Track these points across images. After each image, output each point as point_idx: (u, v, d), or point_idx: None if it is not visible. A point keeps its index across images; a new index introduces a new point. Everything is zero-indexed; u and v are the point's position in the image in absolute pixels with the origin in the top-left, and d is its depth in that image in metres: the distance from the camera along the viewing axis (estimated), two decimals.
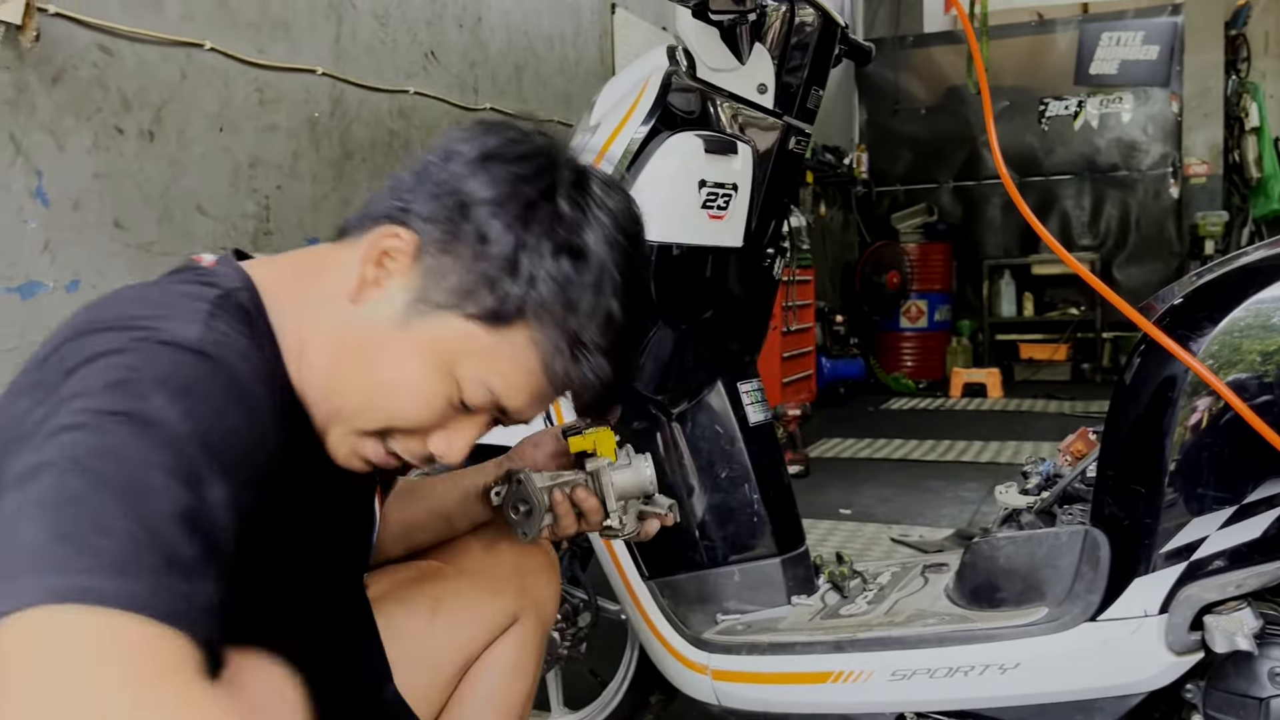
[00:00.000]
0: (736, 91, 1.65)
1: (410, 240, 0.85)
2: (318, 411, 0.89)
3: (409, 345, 0.85)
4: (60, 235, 2.10)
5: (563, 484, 1.12)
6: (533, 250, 0.84)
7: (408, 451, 0.90)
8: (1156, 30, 6.99)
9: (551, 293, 0.84)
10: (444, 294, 0.84)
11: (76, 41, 2.13)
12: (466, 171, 0.87)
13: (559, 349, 0.85)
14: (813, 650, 1.51)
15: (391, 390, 0.86)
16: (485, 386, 0.86)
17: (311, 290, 0.89)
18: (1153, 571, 1.29)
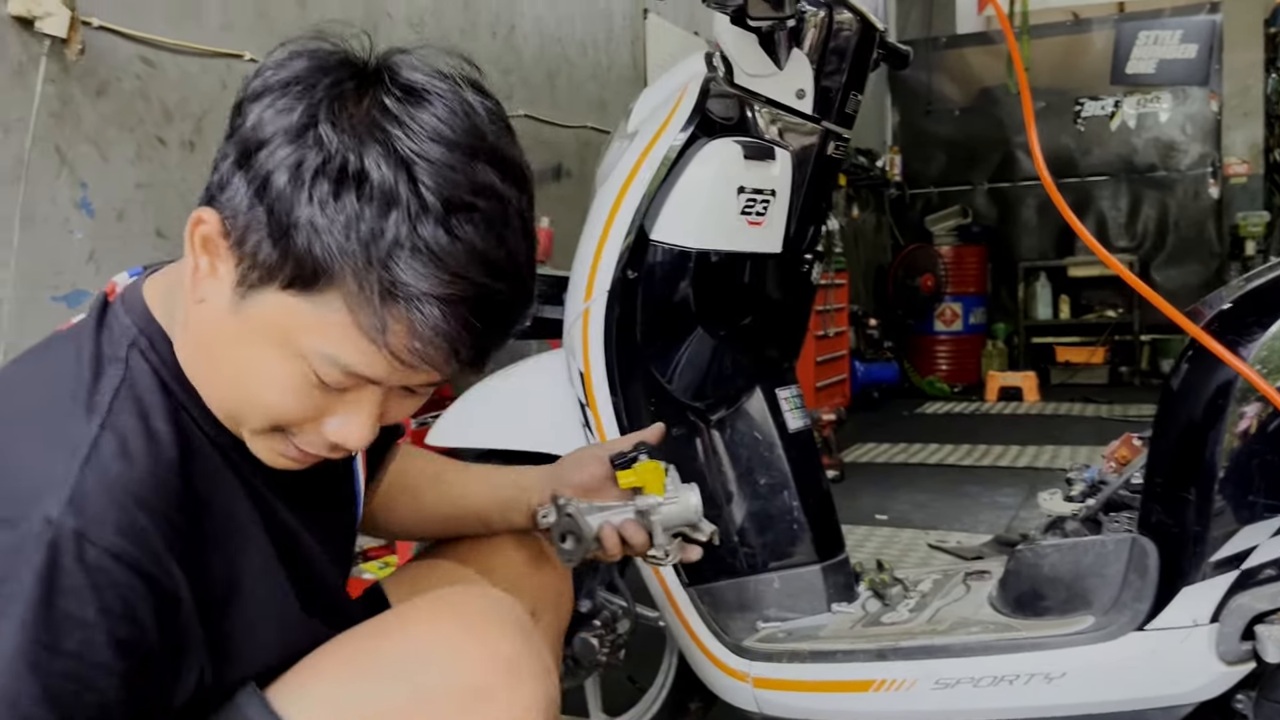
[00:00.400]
0: (774, 97, 1.65)
1: (213, 219, 0.76)
2: (226, 421, 0.84)
3: (246, 333, 0.77)
4: (104, 245, 2.13)
5: (612, 519, 1.13)
6: (309, 193, 0.72)
7: (311, 445, 0.83)
8: (1195, 28, 6.90)
9: (337, 240, 0.72)
10: (255, 268, 0.75)
11: (120, 54, 2.16)
12: (241, 120, 0.76)
13: (373, 305, 0.73)
14: (855, 658, 1.50)
15: (250, 384, 0.79)
16: (329, 361, 0.76)
17: (185, 306, 0.82)
18: (1202, 580, 1.27)
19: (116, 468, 0.75)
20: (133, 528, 0.74)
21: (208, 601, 0.80)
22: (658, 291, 1.60)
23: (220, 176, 0.77)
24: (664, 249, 1.59)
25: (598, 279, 1.60)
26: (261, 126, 0.74)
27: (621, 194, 1.59)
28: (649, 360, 1.63)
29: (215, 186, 0.77)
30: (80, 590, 0.70)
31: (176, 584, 0.77)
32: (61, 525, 0.71)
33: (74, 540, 0.71)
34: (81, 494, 0.72)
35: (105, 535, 0.72)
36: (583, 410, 1.65)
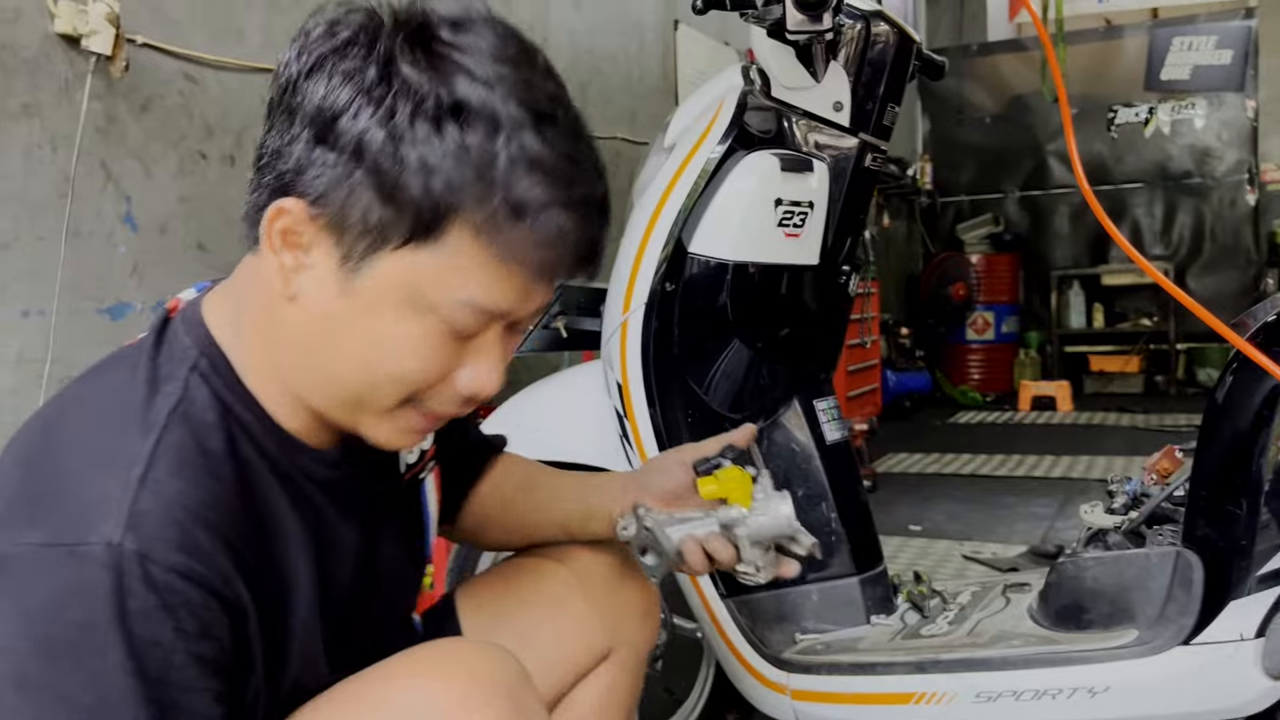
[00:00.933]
0: (812, 110, 1.65)
1: (297, 206, 0.75)
2: (340, 417, 0.83)
3: (366, 308, 0.77)
4: (148, 258, 2.17)
5: (695, 532, 1.04)
6: (409, 137, 0.73)
7: (445, 404, 0.82)
8: (1230, 34, 6.83)
9: (454, 173, 0.73)
10: (365, 236, 0.75)
11: (163, 71, 2.19)
12: (303, 96, 0.75)
13: (498, 230, 0.74)
14: (894, 671, 1.50)
15: (381, 359, 0.78)
16: (464, 305, 0.76)
17: (259, 314, 0.82)
18: (1249, 594, 1.26)
19: (173, 486, 0.74)
20: (194, 545, 0.73)
21: (268, 630, 0.80)
22: (695, 303, 1.61)
23: (295, 162, 0.75)
24: (702, 261, 1.60)
25: (635, 291, 1.61)
26: (333, 95, 0.74)
27: (659, 206, 1.60)
28: (687, 372, 1.63)
29: (290, 175, 0.76)
30: (151, 612, 0.69)
31: (244, 602, 0.76)
32: (122, 549, 0.70)
33: (137, 562, 0.70)
34: (139, 514, 0.71)
35: (168, 555, 0.71)
36: (620, 422, 1.66)
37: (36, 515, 0.72)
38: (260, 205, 0.78)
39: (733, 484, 1.04)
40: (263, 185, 0.79)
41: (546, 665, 1.10)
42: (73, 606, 0.68)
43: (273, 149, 0.78)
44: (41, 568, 0.69)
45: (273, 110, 0.79)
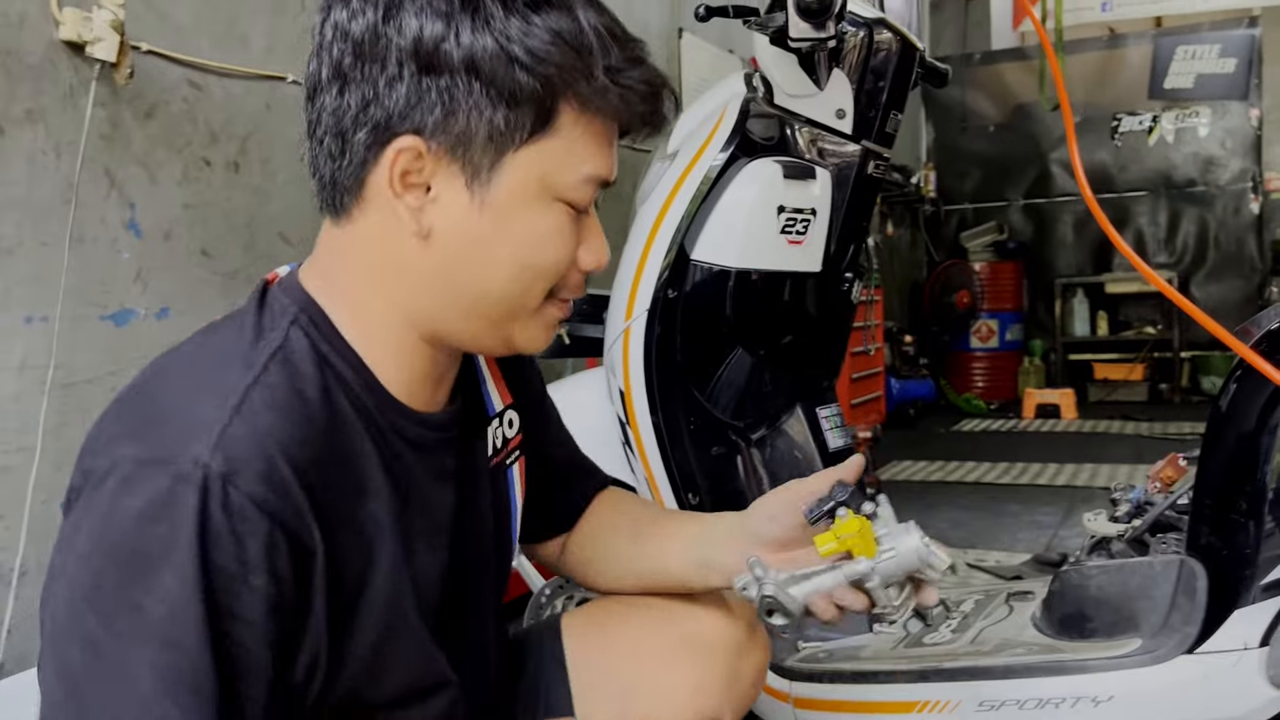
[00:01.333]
0: (815, 117, 1.66)
1: (412, 142, 0.79)
2: (491, 338, 0.87)
3: (505, 215, 0.82)
4: (152, 264, 2.17)
5: (822, 586, 0.95)
6: (510, 36, 0.78)
7: (574, 287, 0.89)
8: (1233, 43, 6.83)
9: (558, 56, 0.79)
10: (485, 152, 0.80)
11: (168, 77, 2.19)
12: (393, 33, 0.79)
13: (605, 94, 0.81)
14: (897, 679, 1.50)
15: (531, 257, 0.84)
16: (585, 179, 0.84)
17: (371, 273, 0.85)
18: (1253, 603, 1.26)
19: (266, 419, 0.76)
20: (276, 478, 0.75)
21: (336, 583, 0.80)
22: (698, 311, 1.61)
23: (400, 103, 0.79)
24: (704, 268, 1.60)
25: (638, 298, 1.61)
26: (428, 26, 0.78)
27: (662, 214, 1.60)
28: (689, 379, 1.64)
29: (394, 118, 0.79)
30: (225, 538, 0.72)
31: (315, 545, 0.77)
32: (210, 469, 0.72)
33: (220, 485, 0.72)
34: (229, 438, 0.74)
35: (250, 483, 0.73)
36: (623, 428, 1.66)
37: (136, 433, 0.75)
38: (359, 163, 0.81)
39: (853, 538, 0.95)
40: (352, 144, 0.81)
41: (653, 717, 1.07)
42: (158, 521, 0.71)
43: (358, 103, 0.80)
44: (133, 481, 0.72)
45: (341, 71, 0.80)
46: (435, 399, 0.93)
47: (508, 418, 1.07)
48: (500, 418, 1.06)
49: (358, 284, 0.85)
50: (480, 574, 1.00)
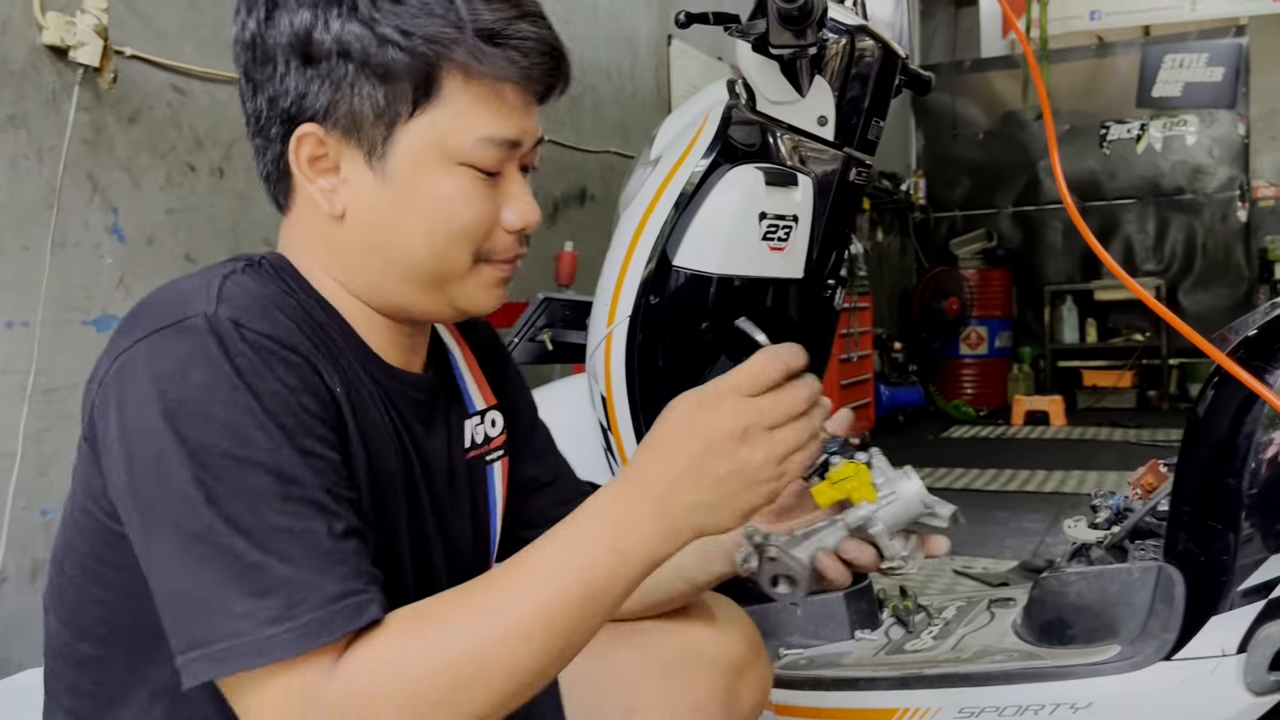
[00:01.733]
0: (797, 124, 1.66)
1: (310, 129, 0.84)
2: (430, 303, 0.89)
3: (406, 185, 0.85)
4: (135, 269, 2.16)
5: (825, 542, 0.91)
6: (375, 17, 0.82)
7: (504, 248, 0.90)
8: (1221, 52, 6.87)
9: (426, 27, 0.82)
10: (376, 129, 0.84)
11: (152, 82, 2.19)
12: (273, 39, 0.84)
13: (483, 56, 0.83)
14: (878, 686, 1.49)
15: (439, 222, 0.86)
16: (481, 140, 0.84)
17: (315, 255, 0.89)
18: (1230, 610, 1.26)
19: (253, 286, 0.81)
20: (281, 324, 0.80)
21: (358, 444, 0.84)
22: (680, 317, 1.61)
23: (293, 95, 0.84)
24: (686, 275, 1.60)
25: (620, 304, 1.61)
26: (298, 20, 0.83)
27: (644, 220, 1.60)
28: (671, 385, 1.63)
29: (293, 109, 0.84)
30: (257, 367, 0.76)
31: (333, 379, 0.82)
32: (218, 316, 0.76)
33: (232, 326, 0.76)
34: (226, 295, 0.78)
35: (256, 324, 0.78)
36: (605, 434, 1.66)
37: (138, 321, 0.79)
38: (279, 155, 0.86)
39: (850, 482, 0.90)
40: (271, 139, 0.86)
41: None
42: (192, 371, 0.74)
43: (264, 101, 0.85)
44: (153, 351, 0.76)
45: (249, 76, 0.87)
46: (408, 365, 0.95)
47: (490, 417, 1.07)
48: (482, 416, 1.06)
49: (309, 268, 0.89)
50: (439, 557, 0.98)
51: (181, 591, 0.72)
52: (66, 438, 1.97)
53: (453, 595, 0.77)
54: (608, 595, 0.76)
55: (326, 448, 0.78)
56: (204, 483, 0.72)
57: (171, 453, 0.73)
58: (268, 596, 0.71)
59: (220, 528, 0.71)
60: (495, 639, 0.73)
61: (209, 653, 0.71)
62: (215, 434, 0.73)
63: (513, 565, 0.78)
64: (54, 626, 0.89)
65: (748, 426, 0.75)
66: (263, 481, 0.73)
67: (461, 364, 1.06)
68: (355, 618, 0.72)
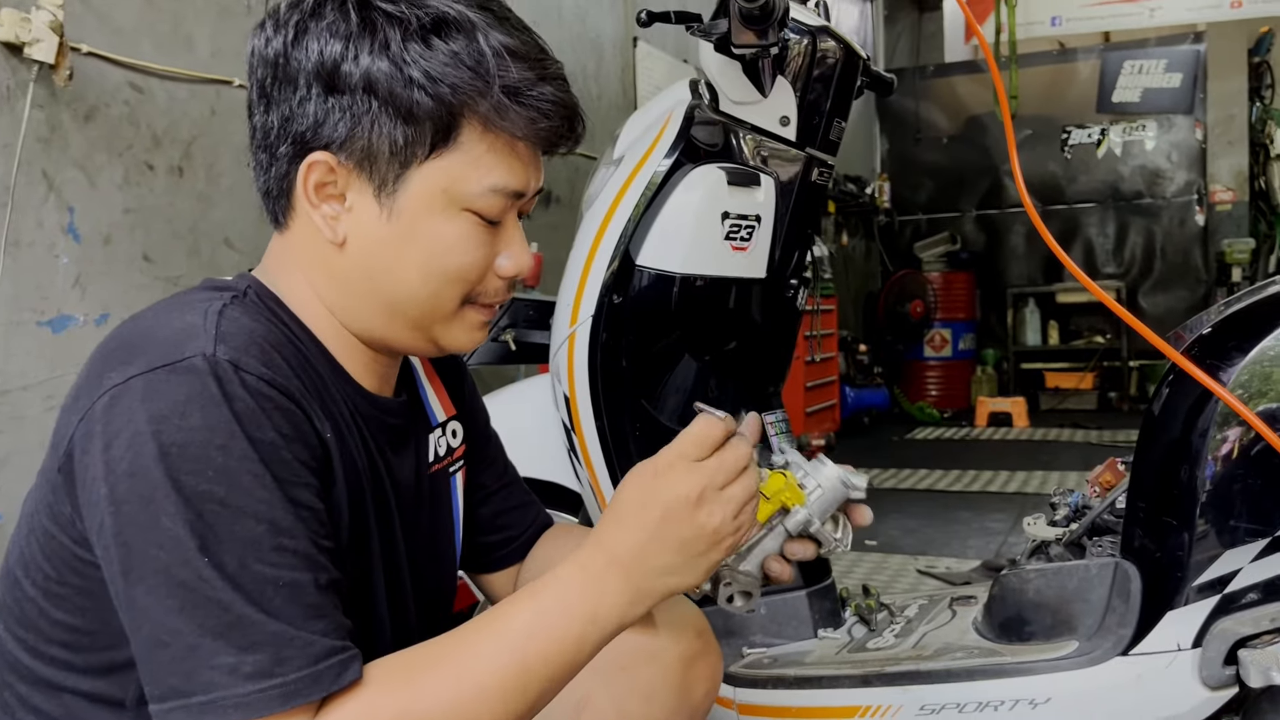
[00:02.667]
0: (759, 124, 1.66)
1: (323, 157, 0.85)
2: (412, 339, 0.91)
3: (411, 224, 0.86)
4: (91, 269, 2.13)
5: (769, 547, 0.95)
6: (406, 59, 0.83)
7: (494, 292, 0.92)
8: (1179, 58, 6.97)
9: (454, 76, 0.83)
10: (390, 166, 0.85)
11: (108, 80, 2.16)
12: (298, 62, 0.85)
13: (505, 112, 0.85)
14: (839, 684, 1.50)
15: (436, 263, 0.87)
16: (490, 190, 0.86)
17: (306, 277, 0.90)
18: (1186, 605, 1.27)
19: (247, 323, 0.81)
20: (276, 363, 0.80)
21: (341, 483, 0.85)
22: (643, 316, 1.61)
23: (310, 120, 0.84)
24: (649, 274, 1.60)
25: (583, 304, 1.61)
26: (329, 49, 0.84)
27: (606, 219, 1.60)
28: (634, 385, 1.63)
29: (308, 133, 0.85)
30: (254, 413, 0.76)
31: (324, 425, 0.82)
32: (217, 358, 0.76)
33: (232, 370, 0.76)
34: (224, 333, 0.78)
35: (256, 366, 0.78)
36: (568, 435, 1.65)
37: (131, 354, 0.77)
38: (284, 174, 0.87)
39: (780, 491, 0.94)
40: (278, 157, 0.87)
41: None
42: (191, 413, 0.74)
43: (277, 119, 0.86)
44: (150, 389, 0.74)
45: (264, 91, 0.87)
46: (382, 390, 0.97)
47: (450, 428, 1.10)
48: (443, 428, 1.08)
49: (297, 287, 0.90)
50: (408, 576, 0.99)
51: (164, 639, 0.71)
52: (18, 441, 1.94)
53: (431, 650, 0.78)
54: (579, 655, 0.81)
55: (314, 496, 0.78)
56: (196, 530, 0.71)
57: (164, 497, 0.72)
58: (254, 651, 0.71)
59: (210, 576, 0.71)
60: (473, 698, 0.76)
61: (189, 704, 0.70)
62: (211, 480, 0.73)
63: (490, 625, 0.79)
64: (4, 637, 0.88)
65: (702, 490, 0.81)
66: (255, 531, 0.73)
67: (423, 377, 1.09)
68: (340, 676, 0.73)
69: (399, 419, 0.98)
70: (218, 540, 0.72)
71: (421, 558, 1.02)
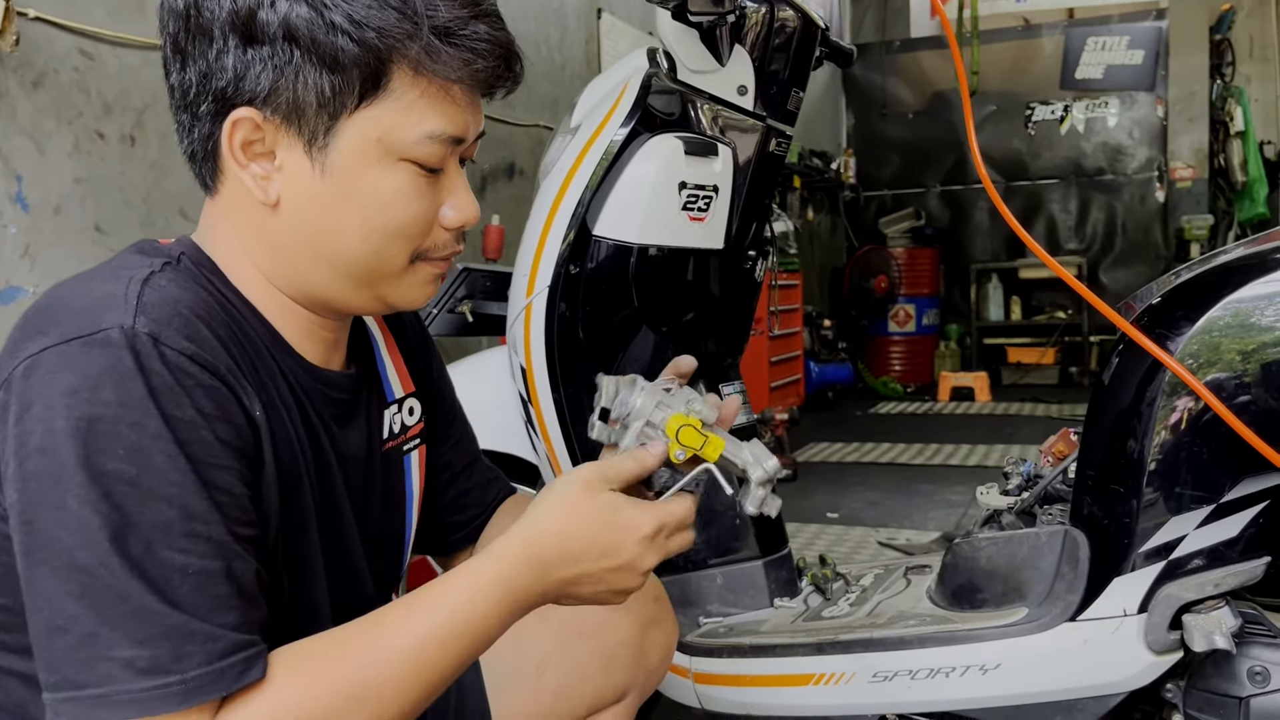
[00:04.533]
0: (717, 93, 1.65)
1: (247, 113, 0.80)
2: (361, 298, 0.88)
3: (346, 178, 0.82)
4: (40, 240, 2.09)
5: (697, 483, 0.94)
6: (326, 3, 0.78)
7: (442, 244, 0.88)
8: (1141, 35, 7.02)
9: (379, 18, 0.78)
10: (318, 119, 0.80)
11: (57, 46, 2.12)
12: (210, 12, 0.79)
13: (436, 54, 0.80)
14: (794, 653, 1.51)
15: (378, 218, 0.83)
16: (426, 137, 0.82)
17: (241, 241, 0.86)
18: (1132, 571, 1.29)
19: (173, 291, 0.77)
20: (201, 335, 0.76)
21: (276, 461, 0.82)
22: (600, 287, 1.60)
23: (230, 74, 0.79)
24: (606, 244, 1.59)
25: (540, 274, 1.59)
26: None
27: (563, 189, 1.59)
28: (591, 356, 1.62)
29: (229, 88, 0.80)
30: (172, 390, 0.72)
31: (253, 403, 0.79)
32: (135, 331, 0.72)
33: (151, 344, 0.72)
34: (145, 304, 0.74)
35: (178, 340, 0.74)
36: (525, 407, 1.65)
37: (46, 324, 0.74)
38: (207, 135, 0.82)
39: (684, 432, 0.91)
40: (199, 117, 0.82)
41: (564, 692, 1.09)
42: (104, 388, 0.70)
43: (198, 76, 0.81)
44: (64, 362, 0.71)
45: (178, 46, 0.82)
46: (328, 361, 0.93)
47: (408, 405, 1.07)
48: (400, 404, 1.05)
49: (232, 253, 0.86)
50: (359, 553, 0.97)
51: (62, 625, 0.68)
52: None
53: (340, 644, 0.76)
54: (487, 643, 0.82)
55: (235, 479, 0.75)
56: (102, 511, 0.68)
57: (71, 474, 0.68)
58: (153, 645, 0.67)
59: (113, 562, 0.68)
60: (375, 696, 0.74)
61: (81, 696, 0.67)
62: (121, 459, 0.69)
63: (404, 621, 0.78)
64: None
65: (651, 551, 0.85)
66: (166, 515, 0.70)
67: (384, 350, 1.05)
68: (243, 674, 0.70)
69: (344, 393, 0.94)
70: (125, 523, 0.68)
71: (374, 534, 1.00)
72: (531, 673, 1.09)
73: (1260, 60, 7.65)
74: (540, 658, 1.09)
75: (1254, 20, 7.61)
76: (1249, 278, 1.25)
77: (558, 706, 1.09)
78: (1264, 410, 1.19)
